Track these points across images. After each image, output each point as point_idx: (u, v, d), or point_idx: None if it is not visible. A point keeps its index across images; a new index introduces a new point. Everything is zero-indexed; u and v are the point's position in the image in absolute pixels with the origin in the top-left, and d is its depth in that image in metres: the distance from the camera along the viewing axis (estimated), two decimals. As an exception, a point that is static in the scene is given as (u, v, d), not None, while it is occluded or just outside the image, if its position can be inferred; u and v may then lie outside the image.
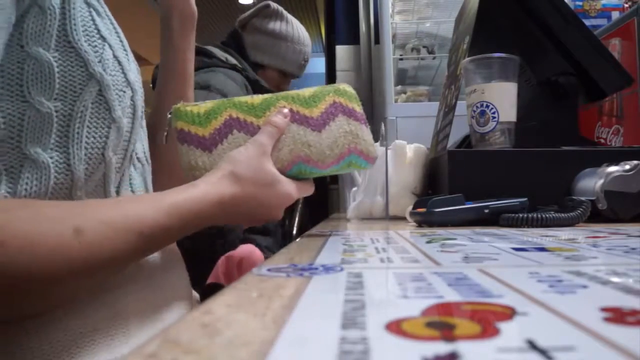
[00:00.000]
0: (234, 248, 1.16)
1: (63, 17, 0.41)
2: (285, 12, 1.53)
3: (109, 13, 0.48)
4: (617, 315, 0.18)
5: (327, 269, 0.31)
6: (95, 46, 0.43)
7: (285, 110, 0.59)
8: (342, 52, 2.47)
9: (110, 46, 0.45)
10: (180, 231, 0.46)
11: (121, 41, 0.48)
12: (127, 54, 0.48)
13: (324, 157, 0.59)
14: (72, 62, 0.42)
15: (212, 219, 0.50)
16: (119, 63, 0.46)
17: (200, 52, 1.41)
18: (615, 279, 0.25)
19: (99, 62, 0.43)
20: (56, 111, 0.41)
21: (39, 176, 0.40)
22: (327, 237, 0.54)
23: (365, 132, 0.62)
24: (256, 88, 1.40)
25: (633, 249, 0.38)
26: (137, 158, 0.52)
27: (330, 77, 2.53)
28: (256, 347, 0.16)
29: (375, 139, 0.76)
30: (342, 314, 0.19)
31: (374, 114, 2.33)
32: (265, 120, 0.58)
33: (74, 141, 0.42)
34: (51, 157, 0.41)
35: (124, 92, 0.46)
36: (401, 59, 2.14)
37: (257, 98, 0.60)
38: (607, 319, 0.18)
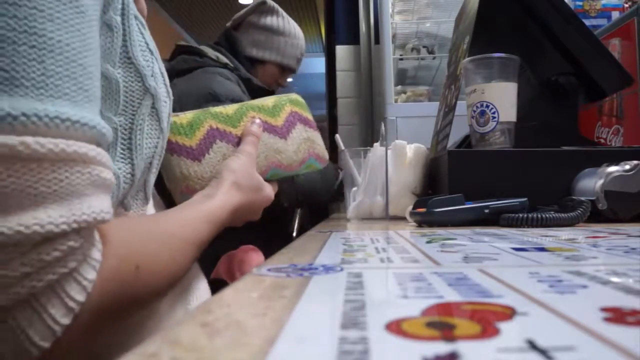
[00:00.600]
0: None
1: (124, 34, 0.42)
2: (280, 9, 1.54)
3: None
4: (617, 315, 0.18)
5: (327, 269, 0.31)
6: (148, 60, 0.45)
7: (258, 121, 0.65)
8: (342, 52, 2.47)
9: (156, 59, 0.46)
10: (209, 240, 0.50)
11: (157, 51, 0.49)
12: (162, 64, 0.49)
13: (291, 161, 0.67)
14: (132, 78, 0.43)
15: (224, 225, 0.54)
16: (162, 74, 0.47)
17: (192, 51, 1.42)
18: (615, 279, 0.25)
19: (152, 75, 0.45)
20: (120, 125, 0.42)
21: None
22: (327, 237, 0.54)
23: (319, 138, 0.71)
24: (248, 86, 1.40)
25: (633, 249, 0.38)
26: None
27: (330, 77, 2.53)
28: (256, 347, 0.16)
29: (375, 139, 0.76)
30: (342, 314, 0.19)
31: (374, 114, 2.33)
32: (242, 129, 0.64)
33: (137, 152, 0.43)
34: (119, 169, 0.42)
35: (166, 102, 0.48)
36: (401, 59, 2.14)
37: (230, 108, 0.65)
38: (607, 319, 0.18)
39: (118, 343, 0.41)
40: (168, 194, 0.61)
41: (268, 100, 0.69)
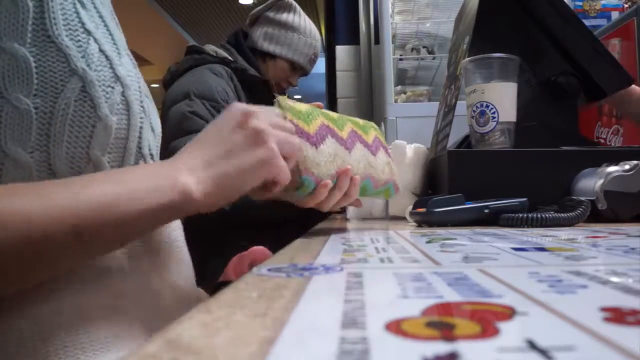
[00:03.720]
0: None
1: (41, 10, 0.40)
2: (297, 6, 1.55)
3: (97, 4, 0.46)
4: (617, 315, 0.18)
5: (327, 269, 0.31)
6: (79, 40, 0.42)
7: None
8: (342, 52, 2.47)
9: (95, 40, 0.43)
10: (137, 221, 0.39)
11: (110, 34, 0.46)
12: (117, 48, 0.46)
13: (379, 178, 0.68)
14: (52, 58, 0.40)
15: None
16: (107, 57, 0.44)
17: (193, 50, 1.43)
18: (615, 279, 0.25)
19: (82, 57, 0.42)
20: (35, 108, 0.39)
21: (22, 176, 0.39)
22: (327, 237, 0.54)
23: (395, 167, 0.73)
24: (243, 76, 1.41)
25: (633, 249, 0.38)
26: (142, 154, 0.51)
27: (330, 77, 2.53)
28: (256, 347, 0.16)
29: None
30: (342, 314, 0.19)
31: (374, 114, 2.33)
32: (346, 134, 0.64)
33: (55, 140, 0.40)
34: (32, 157, 0.39)
35: (113, 87, 0.44)
36: (401, 59, 2.14)
37: (333, 114, 0.66)
38: (606, 319, 0.18)
39: None
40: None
41: (357, 119, 0.71)
